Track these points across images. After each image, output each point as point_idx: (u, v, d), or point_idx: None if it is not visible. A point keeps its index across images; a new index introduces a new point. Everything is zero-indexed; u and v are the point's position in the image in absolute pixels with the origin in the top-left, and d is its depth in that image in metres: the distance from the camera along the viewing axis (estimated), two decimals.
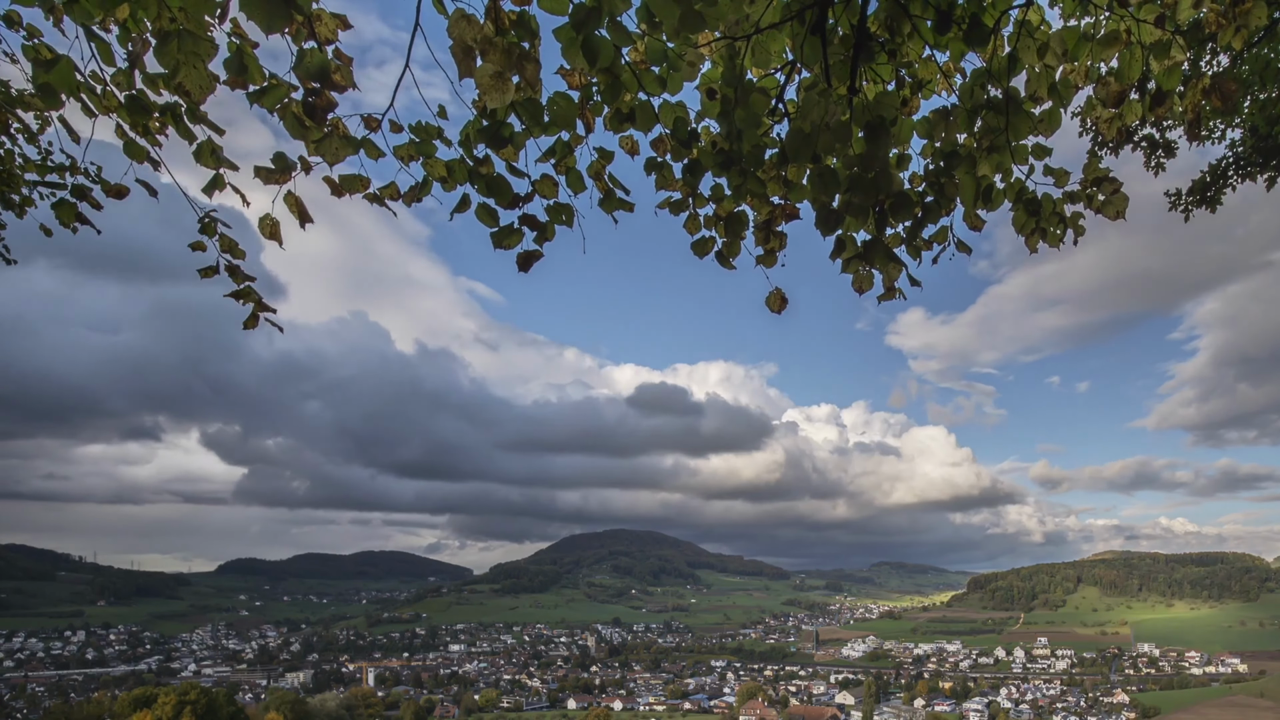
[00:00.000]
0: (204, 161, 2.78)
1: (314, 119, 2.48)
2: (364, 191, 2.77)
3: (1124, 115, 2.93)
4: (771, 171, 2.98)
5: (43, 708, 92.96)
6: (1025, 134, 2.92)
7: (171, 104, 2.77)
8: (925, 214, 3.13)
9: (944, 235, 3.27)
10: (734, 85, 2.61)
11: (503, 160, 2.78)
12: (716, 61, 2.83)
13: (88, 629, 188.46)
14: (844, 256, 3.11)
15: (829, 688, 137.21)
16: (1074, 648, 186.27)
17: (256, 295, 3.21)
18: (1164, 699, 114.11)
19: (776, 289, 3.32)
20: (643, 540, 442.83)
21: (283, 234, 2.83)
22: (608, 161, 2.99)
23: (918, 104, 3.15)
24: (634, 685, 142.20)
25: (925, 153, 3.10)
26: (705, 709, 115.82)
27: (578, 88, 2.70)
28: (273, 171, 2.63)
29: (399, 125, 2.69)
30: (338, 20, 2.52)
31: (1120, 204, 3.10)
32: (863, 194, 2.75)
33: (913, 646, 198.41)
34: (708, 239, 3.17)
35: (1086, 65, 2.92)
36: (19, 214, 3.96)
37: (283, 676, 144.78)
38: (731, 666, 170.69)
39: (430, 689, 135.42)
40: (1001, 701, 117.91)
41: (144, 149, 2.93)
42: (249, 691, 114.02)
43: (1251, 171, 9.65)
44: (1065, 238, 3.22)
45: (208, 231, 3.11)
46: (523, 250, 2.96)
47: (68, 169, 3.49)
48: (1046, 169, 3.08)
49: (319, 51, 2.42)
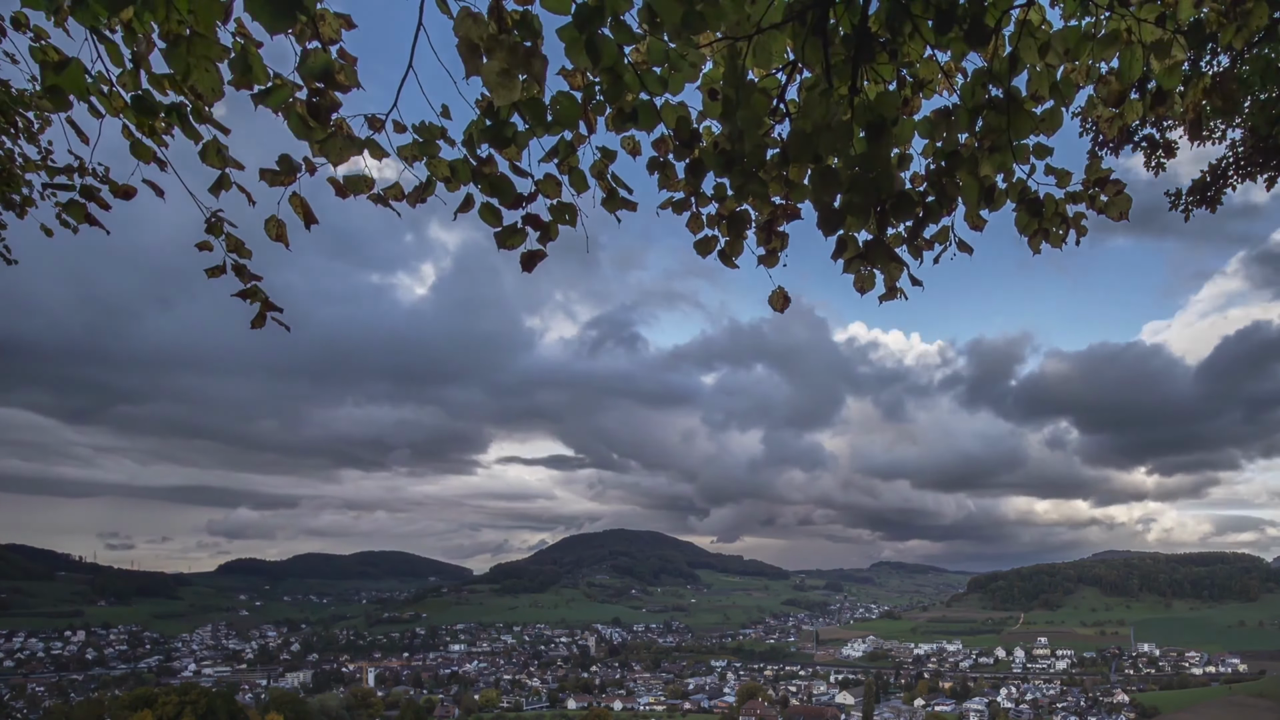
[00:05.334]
0: (210, 161, 2.80)
1: (318, 119, 2.50)
2: (368, 192, 2.78)
3: (1124, 115, 2.94)
4: (773, 171, 2.99)
5: (43, 708, 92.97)
6: (1027, 133, 2.93)
7: (177, 104, 2.78)
8: (926, 214, 3.14)
9: (945, 235, 3.28)
10: (736, 85, 2.62)
11: (506, 160, 2.79)
12: (718, 62, 2.84)
13: (88, 629, 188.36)
14: (846, 256, 3.13)
15: (829, 688, 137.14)
16: (1074, 648, 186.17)
17: (263, 294, 3.22)
18: (1164, 699, 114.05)
19: (779, 288, 3.33)
20: (643, 540, 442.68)
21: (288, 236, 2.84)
22: (610, 161, 3.00)
23: (919, 104, 3.16)
24: (634, 685, 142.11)
25: (926, 152, 3.11)
26: (705, 709, 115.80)
27: (580, 88, 2.71)
28: (278, 173, 2.64)
29: (402, 125, 2.70)
30: (341, 20, 2.53)
31: (1123, 205, 3.11)
32: (864, 194, 2.75)
33: (913, 646, 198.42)
34: (710, 238, 3.19)
35: (1087, 64, 2.93)
36: (19, 214, 3.97)
37: (283, 676, 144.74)
38: (731, 666, 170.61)
39: (430, 689, 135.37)
40: (1001, 701, 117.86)
41: (150, 149, 2.94)
42: (249, 691, 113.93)
43: (1252, 171, 9.66)
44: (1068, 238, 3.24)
45: (214, 231, 3.12)
46: (526, 250, 2.97)
47: (76, 170, 3.50)
48: (1048, 168, 3.09)
49: (323, 51, 2.44)
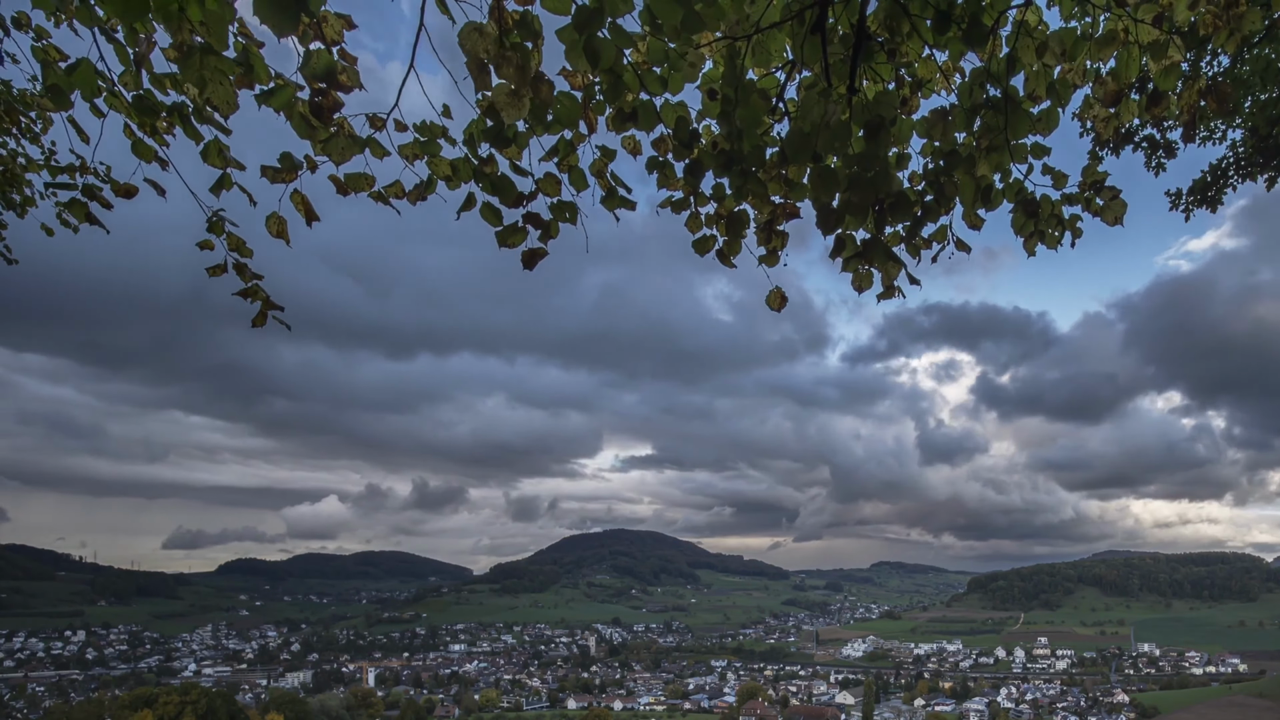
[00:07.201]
0: (211, 161, 2.81)
1: (320, 119, 2.51)
2: (369, 190, 2.80)
3: (1121, 115, 2.96)
4: (772, 171, 3.01)
5: (43, 708, 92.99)
6: (1024, 133, 2.95)
7: (178, 104, 2.80)
8: (924, 213, 3.16)
9: (943, 234, 3.30)
10: (734, 85, 2.63)
11: (507, 159, 2.81)
12: (717, 61, 2.85)
13: (88, 629, 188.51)
14: (844, 255, 3.14)
15: (829, 687, 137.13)
16: (1074, 648, 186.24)
17: (264, 293, 3.24)
18: (1164, 699, 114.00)
19: (776, 288, 3.35)
20: (643, 540, 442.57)
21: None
22: (610, 160, 3.02)
23: (917, 103, 3.18)
24: (634, 685, 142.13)
25: (925, 152, 3.13)
26: (705, 709, 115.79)
27: (580, 88, 2.73)
28: (279, 170, 2.66)
29: (404, 124, 2.72)
30: (343, 20, 2.54)
31: (1119, 209, 3.12)
32: (862, 193, 2.77)
33: (913, 646, 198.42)
34: (709, 238, 3.21)
35: (1084, 65, 2.95)
36: (20, 214, 3.98)
37: (283, 676, 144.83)
38: (731, 666, 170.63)
39: (430, 689, 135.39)
40: (1001, 701, 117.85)
41: (151, 149, 2.96)
42: (249, 691, 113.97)
43: (1252, 172, 9.68)
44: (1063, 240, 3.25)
45: (215, 230, 3.14)
46: (527, 248, 2.99)
47: (78, 169, 3.51)
48: (1045, 168, 3.11)
49: (325, 52, 2.45)
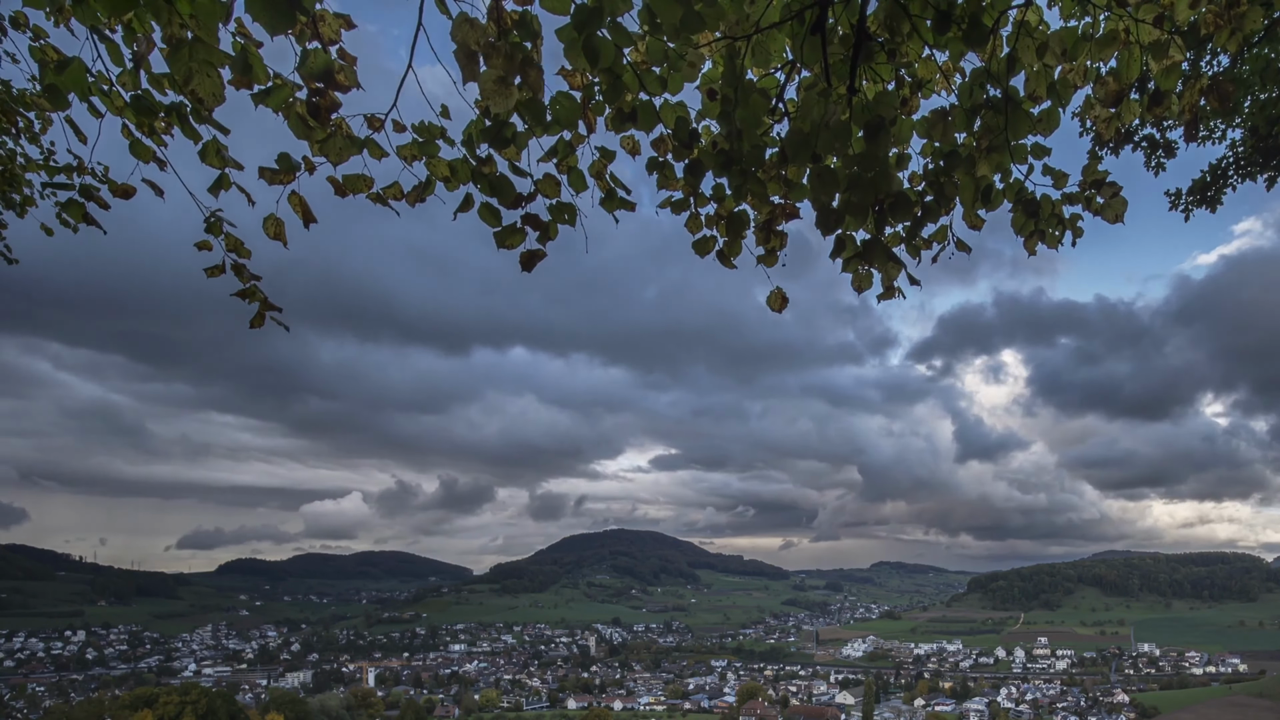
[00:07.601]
0: (209, 161, 2.80)
1: (318, 119, 2.50)
2: (367, 191, 2.79)
3: (1122, 115, 2.95)
4: (772, 171, 3.00)
5: (43, 708, 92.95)
6: (1024, 133, 2.94)
7: (177, 104, 2.79)
8: (924, 214, 3.15)
9: (943, 235, 3.29)
10: (734, 85, 2.63)
11: (505, 160, 2.80)
12: (717, 61, 2.85)
13: (88, 629, 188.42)
14: (844, 256, 3.14)
15: (829, 687, 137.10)
16: (1074, 648, 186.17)
17: (262, 294, 3.23)
18: (1164, 699, 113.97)
19: (777, 289, 3.34)
20: (643, 540, 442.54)
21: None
22: (609, 161, 3.01)
23: (917, 104, 3.17)
24: (634, 685, 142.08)
25: (925, 152, 3.12)
26: (705, 709, 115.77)
27: (579, 88, 2.72)
28: (277, 171, 2.65)
29: (402, 125, 2.71)
30: (341, 20, 2.53)
31: (1119, 207, 3.12)
32: (862, 193, 2.76)
33: (913, 646, 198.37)
34: (709, 238, 3.20)
35: (1085, 65, 2.94)
36: (20, 213, 3.97)
37: (283, 676, 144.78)
38: (731, 666, 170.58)
39: (430, 689, 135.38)
40: (1001, 701, 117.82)
41: (150, 149, 2.95)
42: (249, 691, 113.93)
43: (1252, 171, 9.67)
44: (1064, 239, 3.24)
45: (213, 230, 3.13)
46: (525, 250, 2.98)
47: (75, 169, 3.51)
48: (1046, 168, 3.10)
49: (322, 52, 2.44)
